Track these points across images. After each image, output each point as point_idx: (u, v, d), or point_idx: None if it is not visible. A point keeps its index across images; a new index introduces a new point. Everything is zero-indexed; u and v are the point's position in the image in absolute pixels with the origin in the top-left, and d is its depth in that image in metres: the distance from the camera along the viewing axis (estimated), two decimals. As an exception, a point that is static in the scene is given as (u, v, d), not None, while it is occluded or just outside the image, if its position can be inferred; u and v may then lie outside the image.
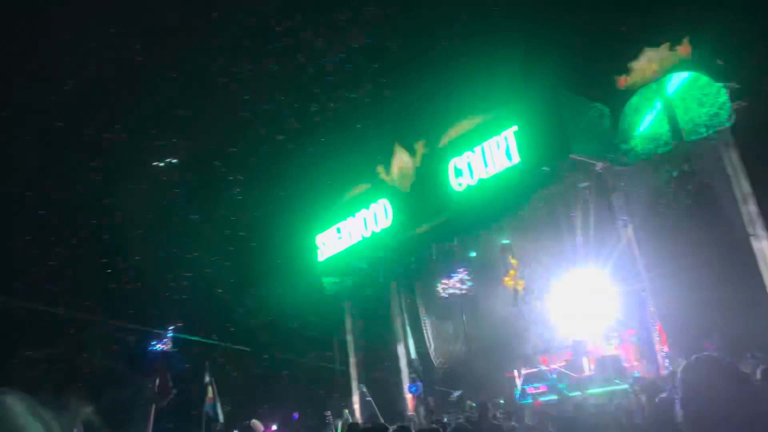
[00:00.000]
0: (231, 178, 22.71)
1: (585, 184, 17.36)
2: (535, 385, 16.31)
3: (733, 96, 13.59)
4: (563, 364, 16.43)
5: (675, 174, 14.91)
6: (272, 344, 22.53)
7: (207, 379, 15.43)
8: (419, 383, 19.78)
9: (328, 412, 20.41)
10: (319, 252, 23.04)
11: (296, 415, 20.48)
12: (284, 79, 21.46)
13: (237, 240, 23.15)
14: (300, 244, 23.57)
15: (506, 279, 19.13)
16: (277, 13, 20.56)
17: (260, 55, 21.03)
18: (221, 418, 15.60)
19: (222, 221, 23.27)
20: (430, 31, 18.87)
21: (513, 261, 19.06)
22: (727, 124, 13.59)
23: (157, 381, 13.18)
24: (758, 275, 13.07)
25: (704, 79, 14.00)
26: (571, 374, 15.54)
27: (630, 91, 15.31)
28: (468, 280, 18.64)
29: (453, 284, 18.76)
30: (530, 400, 15.23)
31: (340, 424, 17.73)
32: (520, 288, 18.86)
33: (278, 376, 21.82)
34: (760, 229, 13.31)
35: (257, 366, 22.74)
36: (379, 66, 20.55)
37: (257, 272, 22.83)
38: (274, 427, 19.42)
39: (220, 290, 22.41)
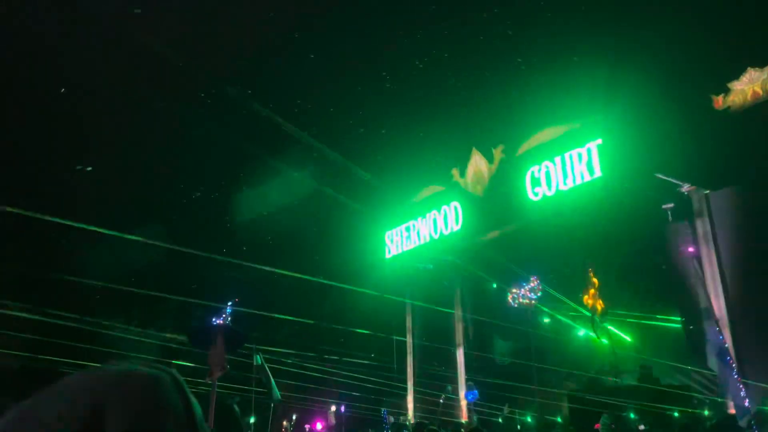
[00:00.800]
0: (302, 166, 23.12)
1: (669, 205, 16.69)
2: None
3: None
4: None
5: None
6: (330, 336, 22.85)
7: (258, 362, 15.76)
8: (476, 391, 19.60)
9: (384, 410, 20.60)
10: (386, 249, 23.23)
11: (343, 408, 20.71)
12: (364, 73, 21.66)
13: (306, 231, 23.60)
14: (369, 239, 23.83)
15: (586, 297, 18.63)
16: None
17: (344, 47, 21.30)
18: (278, 395, 15.92)
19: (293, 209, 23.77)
20: (519, 35, 18.55)
21: (594, 279, 18.56)
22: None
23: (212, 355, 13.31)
24: None
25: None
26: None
27: (727, 112, 14.56)
28: (539, 290, 18.21)
29: (524, 293, 18.38)
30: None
31: (395, 420, 17.85)
32: (599, 307, 18.32)
33: (333, 369, 22.15)
34: None
35: (310, 357, 23.13)
36: (462, 68, 20.40)
37: (324, 264, 23.20)
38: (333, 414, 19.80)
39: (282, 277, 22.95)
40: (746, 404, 12.06)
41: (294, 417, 18.26)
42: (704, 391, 15.77)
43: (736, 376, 12.45)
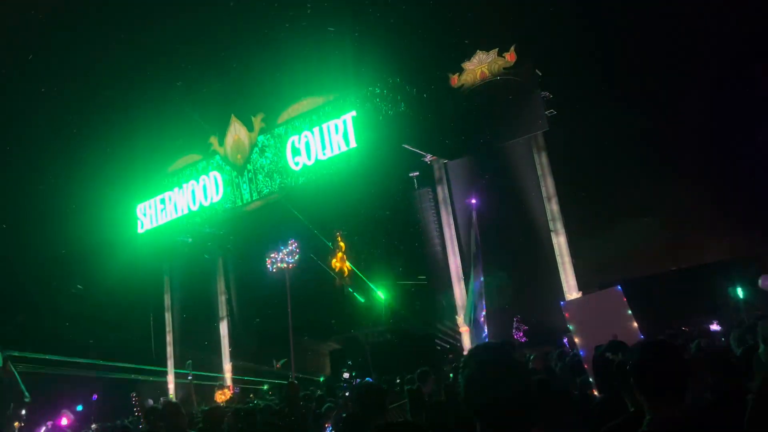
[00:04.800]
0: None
1: (415, 173, 18.24)
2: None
3: (547, 105, 15.11)
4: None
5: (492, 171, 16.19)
6: (79, 320, 20.57)
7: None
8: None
9: (134, 393, 19.25)
10: (139, 223, 21.54)
11: (95, 396, 18.96)
12: (114, 39, 19.44)
13: (39, 208, 20.59)
14: (118, 215, 21.75)
15: (334, 261, 19.43)
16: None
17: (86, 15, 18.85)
18: (27, 394, 14.20)
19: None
20: (276, 7, 18.26)
21: (342, 243, 19.44)
22: (540, 130, 15.09)
23: None
24: (556, 268, 14.78)
25: (523, 86, 15.36)
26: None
27: (461, 90, 16.30)
28: (297, 253, 18.51)
29: (281, 258, 18.53)
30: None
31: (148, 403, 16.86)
32: (346, 270, 19.28)
33: (84, 355, 19.99)
34: (559, 226, 15.01)
35: (59, 342, 20.62)
36: (218, 35, 19.47)
37: (65, 243, 20.59)
38: (78, 409, 17.88)
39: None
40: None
41: (24, 413, 16.15)
42: (447, 339, 17.76)
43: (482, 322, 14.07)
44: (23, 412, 15.89)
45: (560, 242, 14.99)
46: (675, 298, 14.62)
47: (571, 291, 14.47)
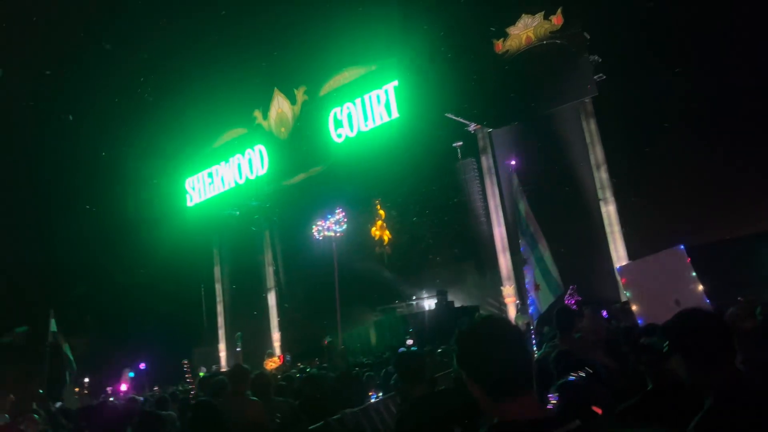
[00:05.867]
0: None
1: (458, 143, 17.98)
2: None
3: (596, 69, 14.55)
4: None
5: (538, 139, 15.77)
6: (134, 291, 21.35)
7: (53, 328, 14.43)
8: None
9: (186, 361, 19.87)
10: (188, 197, 22.07)
11: (143, 365, 19.70)
12: (158, 18, 19.70)
13: (96, 184, 21.29)
14: (168, 189, 22.35)
15: (374, 229, 19.48)
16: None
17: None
18: (74, 365, 14.78)
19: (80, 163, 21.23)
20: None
21: (381, 211, 19.44)
22: (589, 95, 14.57)
23: None
24: (605, 237, 14.41)
25: (571, 50, 14.81)
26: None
27: (506, 56, 15.86)
28: (344, 222, 18.59)
29: (328, 226, 18.65)
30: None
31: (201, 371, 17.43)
32: (386, 238, 19.31)
33: (138, 324, 20.79)
34: (609, 194, 14.59)
35: (115, 312, 21.49)
36: (261, 7, 19.46)
37: (118, 218, 21.30)
38: (130, 375, 18.66)
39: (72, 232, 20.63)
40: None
41: (86, 380, 16.94)
42: (492, 309, 17.65)
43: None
44: (86, 380, 16.71)
45: (610, 211, 14.59)
46: (736, 266, 14.02)
47: (621, 261, 14.10)
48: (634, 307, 6.41)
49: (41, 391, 12.85)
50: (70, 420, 7.88)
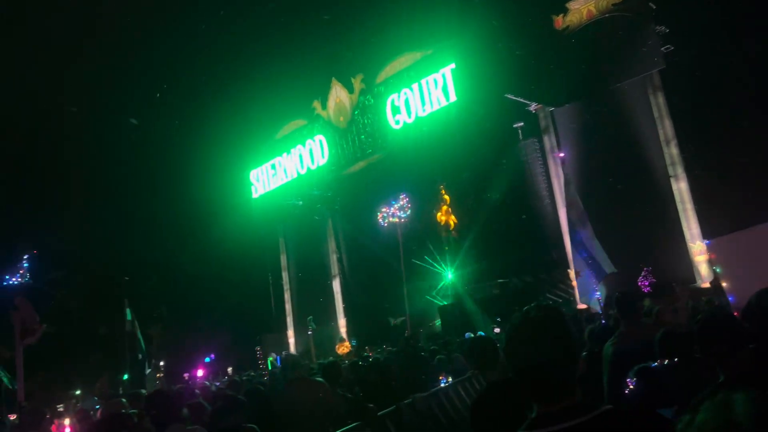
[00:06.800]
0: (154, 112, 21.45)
1: (519, 124, 17.66)
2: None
3: (663, 40, 13.92)
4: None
5: (603, 115, 15.27)
6: (204, 281, 22.20)
7: (129, 316, 15.17)
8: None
9: (258, 348, 20.66)
10: (253, 189, 22.67)
11: (212, 356, 20.47)
12: (221, 14, 20.21)
13: (165, 178, 22.16)
14: (233, 181, 23.05)
15: (439, 214, 19.43)
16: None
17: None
18: (144, 351, 15.53)
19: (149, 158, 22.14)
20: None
21: (446, 197, 19.35)
22: (656, 68, 13.96)
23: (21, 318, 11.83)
24: (677, 215, 13.85)
25: (635, 22, 14.22)
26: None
27: (566, 32, 15.41)
28: (408, 208, 18.63)
29: (392, 212, 18.72)
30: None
31: (271, 357, 18.00)
32: (452, 223, 19.23)
33: (209, 313, 21.63)
34: (680, 171, 14.00)
35: (187, 301, 22.41)
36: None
37: (187, 210, 22.13)
38: (207, 360, 19.48)
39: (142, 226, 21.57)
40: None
41: (162, 364, 17.81)
42: (558, 292, 17.35)
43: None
44: (162, 363, 17.56)
45: (681, 188, 13.99)
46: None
47: (695, 239, 13.55)
48: (724, 284, 6.15)
49: (125, 376, 13.61)
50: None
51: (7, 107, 17.49)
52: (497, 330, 12.73)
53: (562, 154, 14.60)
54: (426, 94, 17.07)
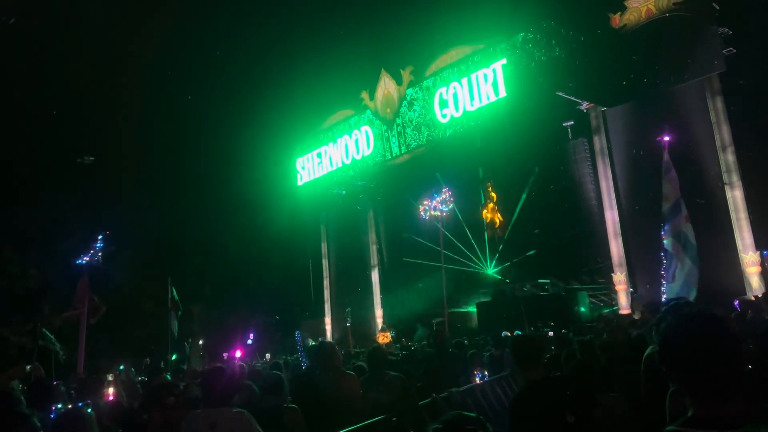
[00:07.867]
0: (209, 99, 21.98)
1: (569, 122, 17.36)
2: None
3: (725, 43, 13.45)
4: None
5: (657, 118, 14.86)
6: (248, 264, 22.68)
7: (171, 294, 15.61)
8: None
9: (298, 333, 20.90)
10: (298, 176, 22.95)
11: (251, 337, 20.84)
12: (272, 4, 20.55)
13: (215, 163, 22.73)
14: (280, 168, 23.39)
15: (485, 212, 19.28)
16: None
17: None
18: (176, 332, 15.93)
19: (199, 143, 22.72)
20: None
21: (493, 194, 19.19)
22: (716, 71, 13.51)
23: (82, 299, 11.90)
24: (729, 224, 13.41)
25: (697, 22, 13.77)
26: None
27: (623, 30, 15.04)
28: (451, 201, 18.58)
29: (434, 206, 18.70)
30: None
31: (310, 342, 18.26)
32: (498, 221, 19.08)
33: (251, 294, 22.11)
34: (735, 178, 13.53)
35: (231, 283, 22.95)
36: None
37: (234, 194, 22.65)
38: (248, 343, 19.88)
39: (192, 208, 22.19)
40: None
41: (201, 342, 18.27)
42: (601, 296, 17.06)
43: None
44: (201, 342, 18.01)
45: (736, 196, 13.52)
46: None
47: (747, 250, 13.11)
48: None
49: (174, 356, 14.05)
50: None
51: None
52: (551, 334, 12.50)
53: (667, 138, 13.99)
54: (475, 89, 16.90)
